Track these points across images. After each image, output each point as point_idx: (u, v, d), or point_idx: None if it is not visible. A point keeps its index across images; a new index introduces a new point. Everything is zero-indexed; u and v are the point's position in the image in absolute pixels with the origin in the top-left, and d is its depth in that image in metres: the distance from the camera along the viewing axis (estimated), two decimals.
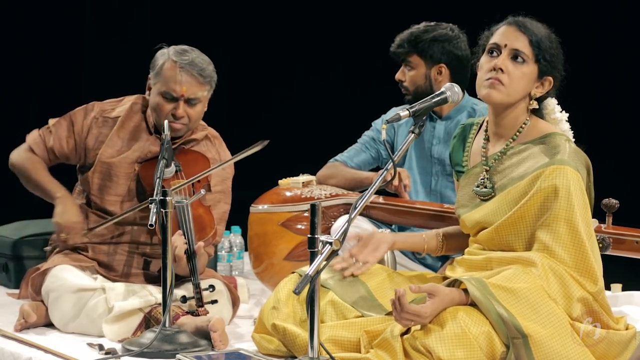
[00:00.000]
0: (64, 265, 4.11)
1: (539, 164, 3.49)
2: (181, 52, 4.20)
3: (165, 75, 4.16)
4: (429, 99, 3.50)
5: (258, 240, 4.67)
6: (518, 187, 3.51)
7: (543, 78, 3.56)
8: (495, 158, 3.61)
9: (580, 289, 3.38)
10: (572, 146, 3.52)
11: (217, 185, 4.32)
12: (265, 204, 4.71)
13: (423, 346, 3.26)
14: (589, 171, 3.53)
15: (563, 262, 3.40)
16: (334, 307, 3.60)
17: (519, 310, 3.26)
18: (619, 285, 4.57)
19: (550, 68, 3.55)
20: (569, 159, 3.46)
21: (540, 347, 3.23)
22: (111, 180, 4.23)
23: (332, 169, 4.87)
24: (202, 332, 3.83)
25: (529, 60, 3.53)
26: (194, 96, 4.18)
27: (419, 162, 4.75)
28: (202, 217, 4.19)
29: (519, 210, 3.47)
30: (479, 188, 3.62)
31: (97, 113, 4.33)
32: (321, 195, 4.70)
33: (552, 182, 3.43)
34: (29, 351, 3.78)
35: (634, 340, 3.45)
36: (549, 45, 3.54)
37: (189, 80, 4.16)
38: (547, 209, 3.44)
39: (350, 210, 3.29)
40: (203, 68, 4.19)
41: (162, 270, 3.76)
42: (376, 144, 4.87)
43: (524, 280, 3.33)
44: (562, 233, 3.42)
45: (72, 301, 4.00)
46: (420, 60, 4.71)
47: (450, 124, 4.70)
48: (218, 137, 4.43)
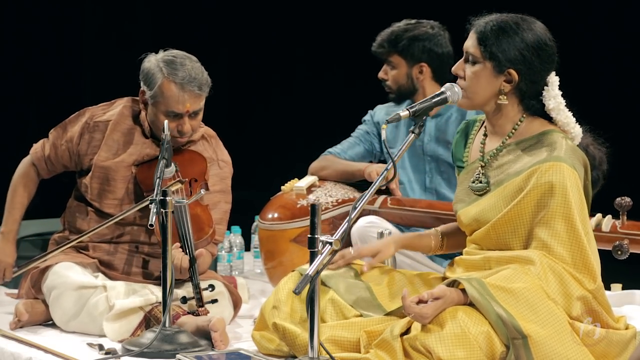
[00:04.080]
0: (65, 262, 4.12)
1: (535, 160, 3.47)
2: (174, 68, 4.13)
3: (166, 96, 4.13)
4: (429, 98, 3.50)
5: (271, 256, 4.67)
6: (514, 182, 3.50)
7: (503, 73, 3.49)
8: (492, 155, 3.60)
9: (579, 288, 3.37)
10: (569, 143, 3.50)
11: (215, 185, 4.32)
12: (273, 214, 4.69)
13: (423, 346, 3.26)
14: (586, 169, 3.52)
15: (561, 259, 3.39)
16: (334, 305, 3.60)
17: (518, 311, 3.26)
18: (619, 285, 4.57)
19: (504, 61, 3.47)
20: (566, 155, 3.45)
21: (540, 348, 3.22)
22: (109, 184, 4.23)
23: (325, 161, 4.91)
24: (202, 332, 3.83)
25: (479, 59, 3.50)
26: (198, 108, 4.18)
27: (411, 161, 4.77)
28: (200, 216, 4.18)
29: (516, 207, 3.46)
30: (474, 183, 3.61)
31: (87, 118, 4.31)
32: (328, 203, 4.70)
33: (548, 178, 3.42)
34: (29, 351, 3.78)
35: (634, 340, 3.45)
36: (503, 43, 3.47)
37: (191, 98, 4.13)
38: (544, 206, 3.43)
39: (350, 210, 3.30)
40: (199, 79, 4.14)
41: (162, 270, 3.76)
42: (370, 137, 4.89)
43: (523, 280, 3.32)
44: (559, 230, 3.41)
45: (74, 299, 4.00)
46: (401, 59, 4.74)
47: (441, 120, 4.72)
48: (215, 137, 4.43)
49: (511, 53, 3.47)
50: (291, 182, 4.84)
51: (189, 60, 4.19)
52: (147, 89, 4.18)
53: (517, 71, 3.48)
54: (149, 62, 4.20)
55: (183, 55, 4.20)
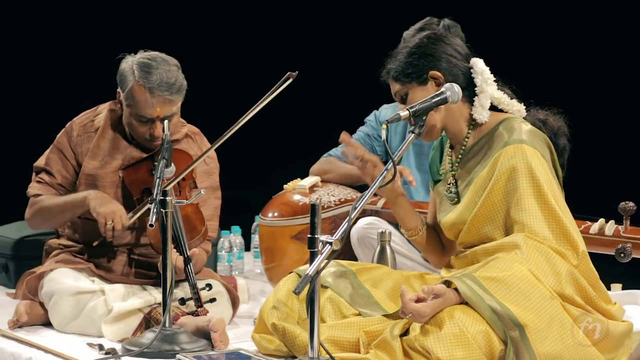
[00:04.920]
0: (61, 269, 4.10)
1: (497, 147, 3.52)
2: (147, 71, 4.07)
3: (136, 100, 4.07)
4: (429, 99, 3.50)
5: (272, 254, 4.66)
6: (482, 175, 3.55)
7: (427, 80, 3.60)
8: (458, 161, 3.65)
9: (565, 264, 3.38)
10: (528, 126, 3.55)
11: (204, 182, 4.28)
12: (274, 211, 4.69)
13: (422, 347, 3.26)
14: (550, 148, 3.56)
15: (543, 236, 3.42)
16: (332, 304, 3.61)
17: (511, 300, 3.26)
18: (619, 285, 4.57)
19: (417, 72, 3.59)
20: (526, 137, 3.50)
21: (538, 335, 3.22)
22: (98, 190, 4.18)
23: (327, 164, 4.88)
24: (202, 332, 3.83)
25: (407, 89, 3.61)
26: (169, 113, 4.10)
27: (417, 161, 4.75)
28: (190, 216, 4.16)
29: (488, 197, 3.51)
30: (448, 193, 3.67)
31: (79, 131, 4.26)
32: (330, 202, 4.69)
33: (511, 162, 3.48)
34: (29, 351, 3.78)
35: (630, 335, 3.46)
36: (401, 65, 3.60)
37: (161, 102, 4.06)
38: (514, 189, 3.47)
39: (350, 210, 3.30)
40: (171, 84, 4.07)
41: (162, 270, 3.76)
42: (371, 140, 4.87)
43: (510, 267, 3.33)
44: (533, 209, 3.44)
45: (72, 304, 4.00)
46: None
47: None
48: (199, 133, 4.39)
49: (415, 63, 3.59)
50: (294, 182, 4.84)
51: (164, 63, 4.11)
52: (121, 90, 4.15)
53: (436, 69, 3.58)
54: (125, 62, 4.16)
55: (159, 59, 4.13)
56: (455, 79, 3.58)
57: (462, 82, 3.58)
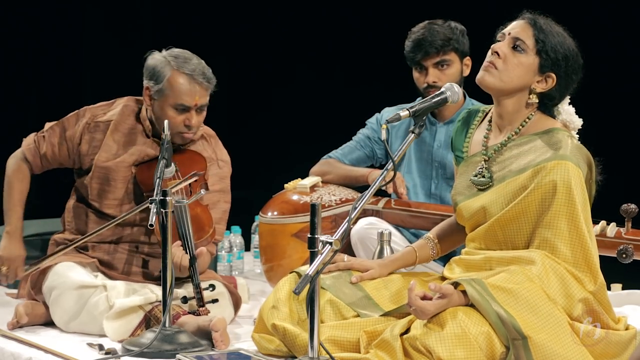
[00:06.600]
0: (66, 262, 4.12)
1: (540, 158, 3.48)
2: (183, 60, 4.18)
3: (176, 88, 4.15)
4: (429, 99, 3.49)
5: (271, 252, 4.66)
6: (517, 180, 3.50)
7: (545, 73, 3.52)
8: (496, 149, 3.60)
9: (581, 290, 3.37)
10: (574, 142, 3.51)
11: (215, 185, 4.32)
12: (275, 210, 4.68)
13: (423, 346, 3.26)
14: (590, 167, 3.52)
15: (564, 257, 3.39)
16: (332, 306, 3.60)
17: (518, 311, 3.25)
18: (619, 285, 4.57)
19: (552, 64, 3.50)
20: (571, 154, 3.45)
21: (540, 349, 3.22)
22: (109, 184, 4.23)
23: (327, 165, 4.87)
24: (203, 331, 3.83)
25: (529, 51, 3.51)
26: (205, 102, 4.21)
27: (418, 166, 4.73)
28: (200, 216, 4.18)
29: (519, 204, 3.46)
30: (477, 177, 3.61)
31: (88, 119, 4.31)
32: (331, 201, 4.68)
33: (553, 177, 3.43)
34: (29, 351, 3.78)
35: (634, 340, 3.45)
36: (556, 44, 3.50)
37: (200, 90, 4.17)
38: (549, 205, 3.43)
39: (350, 210, 3.30)
40: (207, 73, 4.20)
41: (162, 270, 3.76)
42: (371, 143, 4.86)
43: (523, 281, 3.31)
44: (563, 229, 3.41)
45: (74, 298, 4.01)
46: (456, 56, 4.65)
47: (452, 127, 4.68)
48: (214, 136, 4.43)
49: (559, 55, 3.51)
50: (295, 181, 4.84)
51: (194, 57, 4.24)
52: (154, 83, 4.18)
53: (557, 77, 3.52)
54: (153, 58, 4.23)
55: (188, 52, 4.25)
56: (560, 95, 3.56)
57: None
